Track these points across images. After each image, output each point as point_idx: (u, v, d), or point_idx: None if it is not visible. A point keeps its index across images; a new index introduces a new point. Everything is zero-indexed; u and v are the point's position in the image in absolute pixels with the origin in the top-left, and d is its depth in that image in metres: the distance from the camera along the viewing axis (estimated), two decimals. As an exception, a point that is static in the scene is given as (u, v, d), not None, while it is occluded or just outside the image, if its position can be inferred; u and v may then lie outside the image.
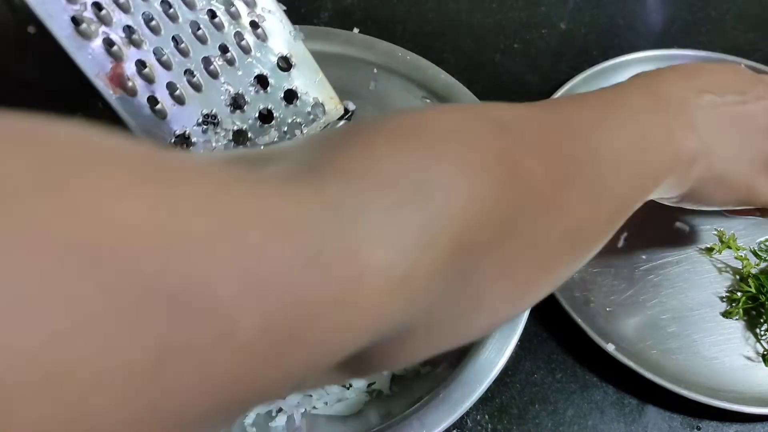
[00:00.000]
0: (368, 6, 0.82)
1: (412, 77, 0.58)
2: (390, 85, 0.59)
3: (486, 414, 0.57)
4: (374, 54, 0.59)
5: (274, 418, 0.53)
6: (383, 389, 0.54)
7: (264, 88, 0.41)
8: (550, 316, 0.61)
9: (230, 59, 0.40)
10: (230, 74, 0.40)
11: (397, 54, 0.59)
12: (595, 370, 0.59)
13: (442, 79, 0.58)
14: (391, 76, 0.59)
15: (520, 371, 0.59)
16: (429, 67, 0.59)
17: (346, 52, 0.60)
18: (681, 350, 0.60)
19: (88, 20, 0.35)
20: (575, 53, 0.79)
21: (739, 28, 0.83)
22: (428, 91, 0.57)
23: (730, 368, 0.59)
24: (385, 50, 0.59)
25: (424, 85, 0.58)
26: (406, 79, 0.59)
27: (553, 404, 0.58)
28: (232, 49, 0.40)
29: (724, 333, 0.61)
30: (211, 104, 0.40)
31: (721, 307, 0.62)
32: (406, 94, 0.59)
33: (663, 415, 0.57)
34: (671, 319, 0.61)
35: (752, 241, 0.66)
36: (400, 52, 0.59)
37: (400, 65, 0.59)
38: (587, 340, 0.57)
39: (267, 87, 0.41)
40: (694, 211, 0.67)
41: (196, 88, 0.39)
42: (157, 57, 0.38)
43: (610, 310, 0.61)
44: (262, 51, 0.41)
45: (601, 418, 0.57)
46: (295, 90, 0.42)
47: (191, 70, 0.39)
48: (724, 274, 0.64)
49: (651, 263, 0.64)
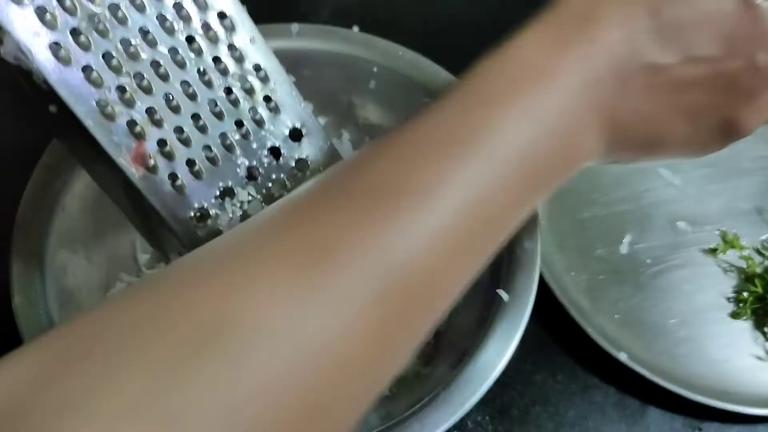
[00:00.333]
0: (368, 5, 0.82)
1: (413, 76, 0.58)
2: (390, 84, 0.59)
3: (487, 415, 0.57)
4: (374, 52, 0.59)
5: None
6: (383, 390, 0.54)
7: (276, 159, 0.43)
8: (551, 318, 0.60)
9: (245, 133, 0.41)
10: (245, 147, 0.42)
11: (398, 53, 0.59)
12: (596, 372, 0.59)
13: (443, 79, 0.57)
14: (391, 75, 0.59)
15: (521, 372, 0.59)
16: (429, 65, 0.58)
17: (345, 50, 0.59)
18: (691, 354, 0.59)
19: (113, 103, 0.37)
20: (576, 52, 0.79)
21: (741, 27, 0.83)
22: (428, 91, 0.57)
23: (740, 369, 0.59)
24: (385, 49, 0.59)
25: (424, 85, 0.58)
26: (407, 79, 0.58)
27: (555, 405, 0.57)
28: (247, 123, 0.41)
29: (733, 334, 0.60)
30: (227, 177, 0.41)
31: (729, 309, 0.62)
32: (406, 94, 0.58)
33: (665, 416, 0.57)
34: (679, 324, 0.61)
35: (755, 239, 0.65)
36: (400, 51, 0.59)
37: (401, 64, 0.58)
38: (594, 346, 0.57)
39: (279, 158, 0.43)
40: (696, 211, 0.67)
41: (214, 162, 0.41)
42: (177, 135, 0.39)
43: (618, 317, 0.61)
44: (275, 123, 0.42)
45: (602, 419, 0.57)
46: (306, 159, 0.44)
47: (209, 146, 0.40)
48: (729, 275, 0.63)
49: (656, 267, 0.63)
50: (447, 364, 0.50)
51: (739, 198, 0.68)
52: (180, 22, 0.38)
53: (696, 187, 0.68)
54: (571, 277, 0.62)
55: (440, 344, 0.55)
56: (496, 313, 0.48)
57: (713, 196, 0.68)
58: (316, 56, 0.59)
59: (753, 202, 0.67)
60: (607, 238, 0.65)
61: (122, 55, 0.37)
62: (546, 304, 0.60)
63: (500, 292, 0.48)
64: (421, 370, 0.54)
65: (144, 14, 0.37)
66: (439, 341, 0.55)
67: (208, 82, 0.40)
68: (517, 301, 0.48)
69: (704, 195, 0.68)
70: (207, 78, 0.40)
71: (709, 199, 0.68)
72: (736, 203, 0.67)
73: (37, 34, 0.33)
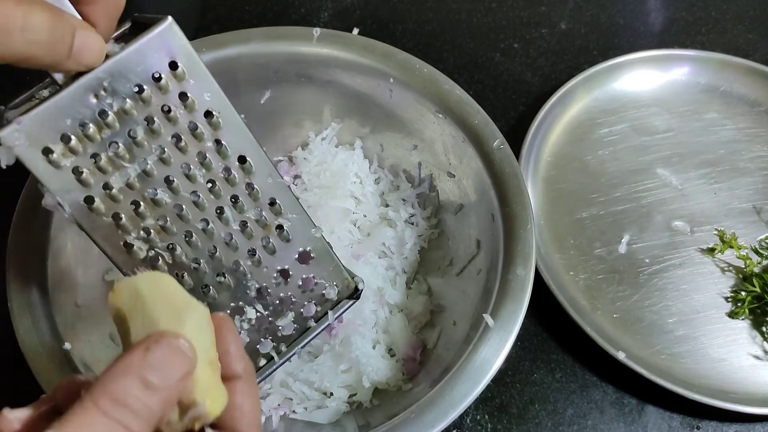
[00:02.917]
0: (368, 5, 0.82)
1: (427, 91, 0.58)
2: (405, 97, 0.59)
3: (486, 413, 0.57)
4: (392, 64, 0.59)
5: None
6: (364, 402, 0.54)
7: (285, 280, 0.46)
8: (549, 317, 0.60)
9: (257, 261, 0.45)
10: (256, 272, 0.45)
11: (415, 66, 0.58)
12: (595, 370, 0.59)
13: (457, 95, 0.57)
14: (406, 88, 0.58)
15: (519, 371, 0.59)
16: (445, 81, 0.58)
17: (364, 60, 0.59)
18: (689, 353, 0.59)
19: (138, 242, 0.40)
20: (575, 53, 0.79)
21: (739, 28, 0.83)
22: (442, 107, 0.57)
23: (739, 368, 0.59)
24: (403, 61, 0.59)
25: (437, 100, 0.58)
26: (421, 93, 0.58)
27: (553, 404, 0.58)
28: (259, 252, 0.44)
29: (731, 333, 0.61)
30: (238, 298, 0.45)
31: (727, 308, 0.62)
32: (420, 107, 0.58)
33: (663, 415, 0.57)
34: (678, 323, 0.61)
35: (753, 239, 0.65)
36: (418, 64, 0.58)
37: (416, 78, 0.58)
38: (592, 344, 0.57)
39: (288, 278, 0.46)
40: (694, 211, 0.67)
41: (227, 288, 0.44)
42: (194, 265, 0.43)
43: (617, 316, 0.61)
44: (286, 250, 0.45)
45: (600, 418, 0.57)
46: (313, 278, 0.47)
47: (223, 273, 0.44)
48: (727, 274, 0.64)
49: (654, 267, 0.64)
50: (429, 380, 0.50)
51: (737, 198, 0.68)
52: (202, 170, 0.41)
53: (694, 187, 0.69)
54: (569, 277, 0.63)
55: (427, 361, 0.55)
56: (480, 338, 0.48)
57: (711, 196, 0.68)
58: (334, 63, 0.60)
59: (751, 202, 0.68)
60: (606, 237, 0.65)
61: (148, 203, 0.40)
62: (545, 304, 0.60)
63: (486, 317, 0.48)
64: (403, 385, 0.54)
65: (169, 166, 0.40)
66: (426, 358, 0.56)
67: (225, 219, 0.42)
68: (503, 326, 0.48)
69: (702, 195, 0.68)
70: (225, 216, 0.42)
71: (707, 199, 0.68)
72: (734, 203, 0.68)
73: (71, 191, 0.37)
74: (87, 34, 0.33)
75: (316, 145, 0.63)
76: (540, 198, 0.67)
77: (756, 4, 0.86)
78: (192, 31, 0.76)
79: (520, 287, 0.50)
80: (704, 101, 0.74)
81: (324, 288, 0.47)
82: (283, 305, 0.46)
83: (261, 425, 0.33)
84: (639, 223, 0.66)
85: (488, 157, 0.55)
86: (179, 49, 0.36)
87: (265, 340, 0.46)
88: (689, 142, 0.72)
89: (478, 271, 0.54)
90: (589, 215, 0.66)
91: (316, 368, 0.54)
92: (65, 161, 0.36)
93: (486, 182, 0.55)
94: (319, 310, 0.47)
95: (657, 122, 0.73)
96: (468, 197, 0.58)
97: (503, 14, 0.82)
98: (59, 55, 0.32)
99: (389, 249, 0.60)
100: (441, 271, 0.60)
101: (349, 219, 0.60)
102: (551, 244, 0.64)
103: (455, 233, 0.60)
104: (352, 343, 0.54)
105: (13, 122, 0.34)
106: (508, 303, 0.49)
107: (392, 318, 0.57)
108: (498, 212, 0.53)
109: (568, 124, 0.72)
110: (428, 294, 0.59)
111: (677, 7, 0.85)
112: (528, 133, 0.68)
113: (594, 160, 0.70)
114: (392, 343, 0.56)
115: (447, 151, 0.59)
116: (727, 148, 0.72)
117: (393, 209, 0.62)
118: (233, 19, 0.79)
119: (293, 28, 0.60)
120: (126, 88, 0.36)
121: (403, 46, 0.64)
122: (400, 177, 0.64)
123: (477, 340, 0.48)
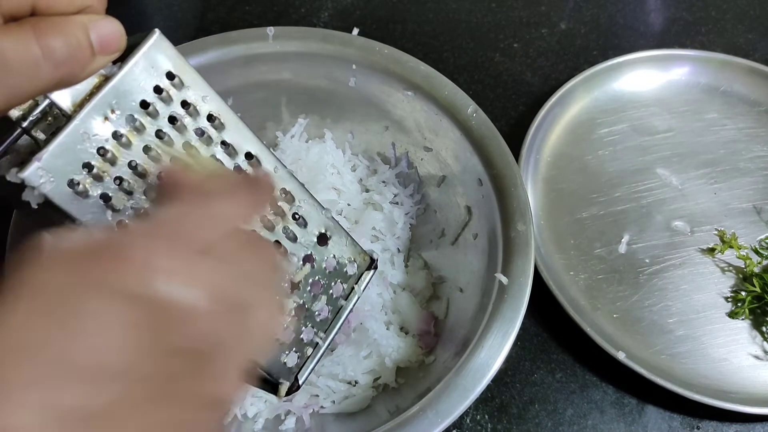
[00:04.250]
0: (368, 5, 0.82)
1: (392, 71, 0.58)
2: (370, 80, 0.59)
3: (486, 414, 0.57)
4: (352, 50, 0.59)
5: (284, 421, 0.53)
6: (389, 382, 0.55)
7: (312, 264, 0.47)
8: (549, 317, 0.60)
9: (283, 252, 0.45)
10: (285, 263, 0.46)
11: (375, 48, 0.59)
12: (595, 370, 0.59)
13: (422, 71, 0.57)
14: (370, 71, 0.59)
15: (519, 371, 0.59)
16: (408, 59, 0.58)
17: (323, 50, 0.59)
18: (690, 353, 0.59)
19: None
20: (575, 53, 0.79)
21: (739, 28, 0.83)
22: (410, 85, 0.57)
23: (739, 368, 0.59)
24: (363, 46, 0.59)
25: (404, 78, 0.58)
26: (386, 73, 0.58)
27: (553, 404, 0.58)
28: (284, 243, 0.45)
29: (731, 333, 0.61)
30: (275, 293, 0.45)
31: (727, 308, 0.62)
32: (387, 88, 0.59)
33: (663, 415, 0.57)
34: (678, 323, 0.61)
35: (753, 239, 0.65)
36: (377, 47, 0.59)
37: (379, 59, 0.58)
38: (592, 344, 0.57)
39: (313, 263, 0.47)
40: (694, 211, 0.68)
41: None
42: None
43: (617, 316, 0.61)
44: (305, 236, 0.46)
45: (600, 418, 0.57)
46: (334, 257, 0.48)
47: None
48: (727, 274, 0.64)
49: (654, 267, 0.64)
50: (451, 352, 0.51)
51: (737, 198, 0.68)
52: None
53: (694, 187, 0.69)
54: (569, 277, 0.63)
55: (442, 331, 0.56)
56: (496, 299, 0.49)
57: (711, 196, 0.68)
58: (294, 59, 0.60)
59: (751, 202, 0.68)
60: (606, 237, 0.65)
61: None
62: (545, 303, 0.60)
63: (499, 276, 0.49)
64: (425, 359, 0.55)
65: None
66: (440, 329, 0.56)
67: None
68: (516, 283, 0.49)
69: (702, 195, 0.68)
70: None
71: (707, 199, 0.68)
72: (734, 203, 0.68)
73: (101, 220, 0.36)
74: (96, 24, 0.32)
75: (287, 144, 0.64)
76: (540, 198, 0.67)
77: (756, 4, 0.85)
78: (192, 31, 0.76)
79: (524, 242, 0.51)
80: (704, 101, 0.74)
81: (345, 266, 0.48)
82: (313, 289, 0.47)
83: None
84: (639, 223, 0.66)
85: (465, 125, 0.56)
86: (171, 59, 0.37)
87: (306, 328, 0.47)
88: (689, 142, 0.72)
89: (475, 235, 0.55)
90: (589, 215, 0.66)
91: (338, 360, 0.55)
92: (93, 190, 0.36)
93: (467, 149, 0.56)
94: (345, 288, 0.49)
95: (657, 122, 0.73)
96: (449, 167, 0.59)
97: (503, 14, 0.82)
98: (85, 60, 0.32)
99: (380, 232, 0.61)
100: (434, 244, 0.61)
101: (334, 210, 0.61)
102: (551, 244, 0.64)
103: (441, 205, 0.61)
104: (368, 328, 0.55)
105: (33, 161, 0.33)
106: (516, 258, 0.50)
107: (398, 297, 0.58)
108: (485, 175, 0.55)
109: (568, 124, 0.72)
110: (426, 268, 0.60)
111: (677, 7, 0.85)
112: (528, 133, 0.68)
113: (594, 160, 0.70)
114: (404, 321, 0.57)
115: (420, 126, 0.60)
116: (727, 148, 0.72)
117: (376, 193, 0.62)
118: (233, 19, 0.79)
119: (247, 31, 0.60)
120: (132, 105, 0.36)
121: (403, 46, 0.64)
122: (375, 160, 0.64)
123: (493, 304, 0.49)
